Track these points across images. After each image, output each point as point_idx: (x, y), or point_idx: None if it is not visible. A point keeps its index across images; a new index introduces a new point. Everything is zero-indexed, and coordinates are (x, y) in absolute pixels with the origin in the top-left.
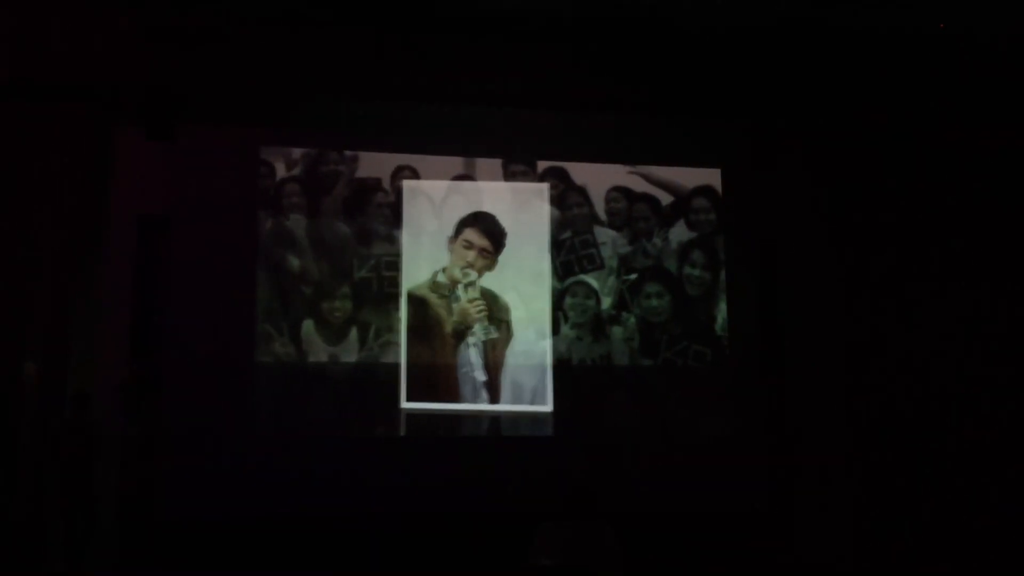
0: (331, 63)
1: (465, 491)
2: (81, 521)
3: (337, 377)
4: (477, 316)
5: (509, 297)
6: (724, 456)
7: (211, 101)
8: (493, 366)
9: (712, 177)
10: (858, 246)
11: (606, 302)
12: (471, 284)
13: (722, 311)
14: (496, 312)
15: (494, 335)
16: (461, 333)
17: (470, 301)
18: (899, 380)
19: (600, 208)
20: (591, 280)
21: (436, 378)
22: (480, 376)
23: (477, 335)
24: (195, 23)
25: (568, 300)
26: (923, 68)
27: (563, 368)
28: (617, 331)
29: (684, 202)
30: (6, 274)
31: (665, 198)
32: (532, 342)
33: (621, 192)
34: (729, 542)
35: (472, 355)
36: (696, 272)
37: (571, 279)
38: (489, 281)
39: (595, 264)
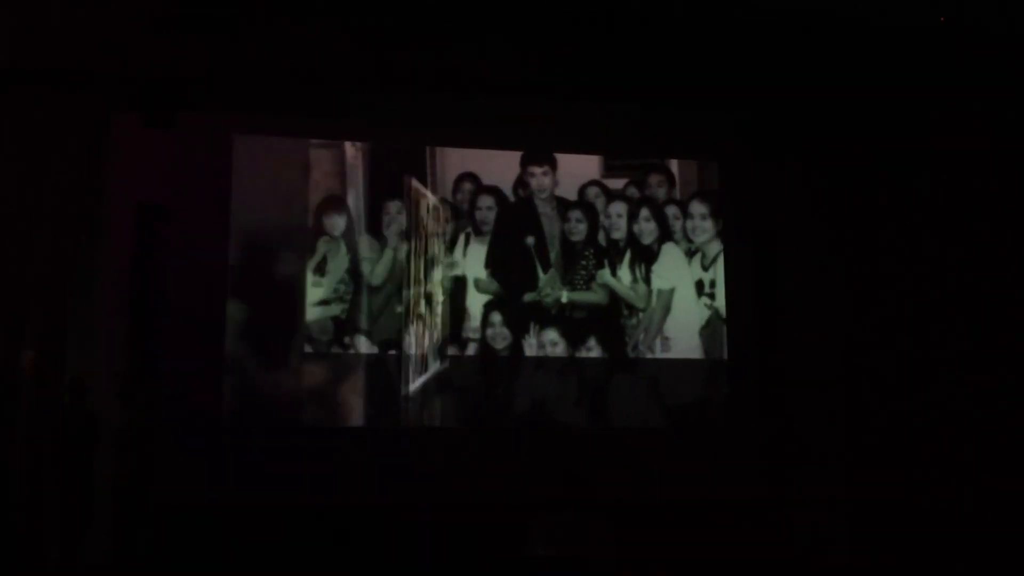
0: (331, 52)
1: (460, 480)
2: (77, 507)
3: (338, 365)
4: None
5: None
6: (719, 446)
7: (211, 89)
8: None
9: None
10: (858, 240)
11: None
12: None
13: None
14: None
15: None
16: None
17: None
18: (898, 374)
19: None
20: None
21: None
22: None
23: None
24: (197, 10)
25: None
26: (924, 61)
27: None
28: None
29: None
30: (4, 261)
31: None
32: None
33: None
34: (722, 531)
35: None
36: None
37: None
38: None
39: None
